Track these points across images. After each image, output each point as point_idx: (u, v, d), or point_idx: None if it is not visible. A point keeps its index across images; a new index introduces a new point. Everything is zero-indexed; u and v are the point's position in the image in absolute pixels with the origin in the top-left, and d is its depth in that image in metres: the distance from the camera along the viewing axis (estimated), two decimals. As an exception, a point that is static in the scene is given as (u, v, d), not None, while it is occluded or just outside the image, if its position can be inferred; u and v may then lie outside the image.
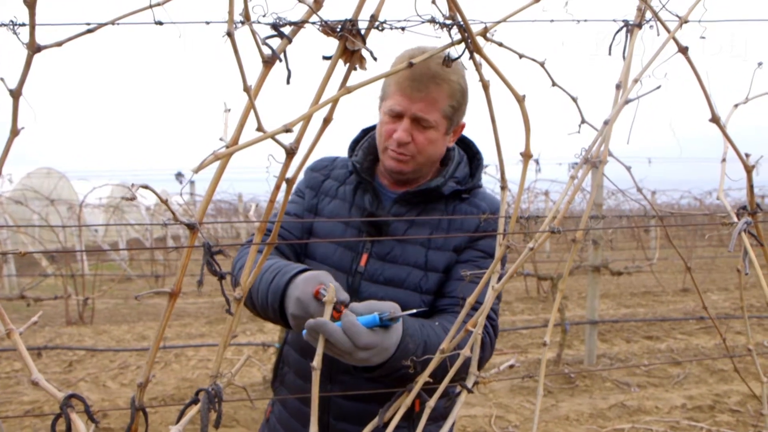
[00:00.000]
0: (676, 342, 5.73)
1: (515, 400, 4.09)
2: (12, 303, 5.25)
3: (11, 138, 0.84)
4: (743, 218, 0.85)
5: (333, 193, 1.38)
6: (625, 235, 16.36)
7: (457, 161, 1.36)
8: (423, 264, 1.26)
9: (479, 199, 1.34)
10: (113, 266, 10.74)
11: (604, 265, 4.69)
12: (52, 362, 5.04)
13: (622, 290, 8.80)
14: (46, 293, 6.10)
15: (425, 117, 1.20)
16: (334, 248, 1.32)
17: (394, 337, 1.00)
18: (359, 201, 1.34)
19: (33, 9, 0.77)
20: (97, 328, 6.43)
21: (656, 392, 4.25)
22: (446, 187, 1.30)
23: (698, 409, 3.92)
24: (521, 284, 8.69)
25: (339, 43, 0.86)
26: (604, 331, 6.03)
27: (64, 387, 4.39)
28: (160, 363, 5.03)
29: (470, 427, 3.64)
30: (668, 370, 4.77)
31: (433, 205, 1.32)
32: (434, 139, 1.24)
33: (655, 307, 7.51)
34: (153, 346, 0.84)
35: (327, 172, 1.43)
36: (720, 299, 7.95)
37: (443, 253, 1.27)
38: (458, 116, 1.27)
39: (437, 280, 1.26)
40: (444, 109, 1.22)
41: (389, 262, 1.27)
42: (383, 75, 0.86)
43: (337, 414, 1.27)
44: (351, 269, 1.29)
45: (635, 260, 7.63)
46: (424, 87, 1.18)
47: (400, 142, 1.23)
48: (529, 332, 5.96)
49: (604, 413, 3.85)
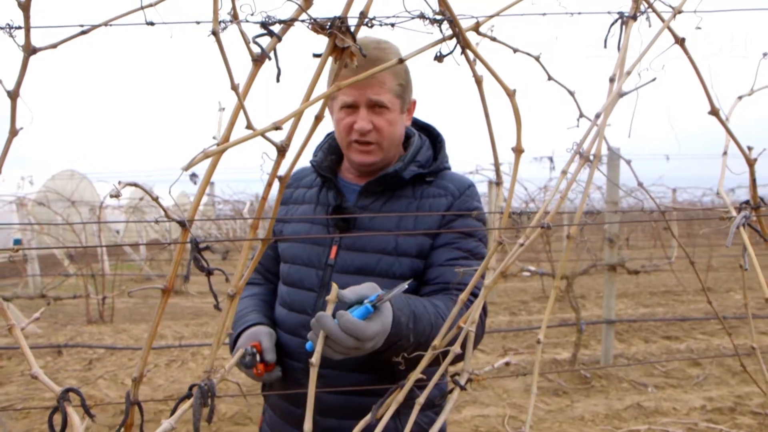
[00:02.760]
0: (696, 342, 5.63)
1: (529, 400, 4.06)
2: (33, 302, 5.36)
3: (10, 138, 0.86)
4: (742, 212, 0.83)
5: (301, 200, 1.43)
6: (645, 234, 16.11)
7: (417, 146, 1.37)
8: (393, 249, 1.28)
9: (447, 181, 1.35)
10: (133, 266, 10.91)
11: (621, 263, 4.62)
12: (72, 360, 5.14)
13: (641, 289, 8.67)
14: (68, 293, 6.22)
15: (379, 99, 1.24)
16: (303, 247, 1.35)
17: (389, 315, 1.03)
18: (323, 199, 1.38)
19: (27, 12, 0.78)
20: (116, 327, 6.54)
21: (674, 393, 4.18)
22: (407, 171, 1.32)
23: (718, 411, 3.85)
24: (537, 284, 8.60)
25: (329, 40, 0.86)
26: (621, 331, 5.95)
27: (83, 384, 4.48)
28: (177, 361, 5.09)
29: (483, 427, 3.61)
30: (687, 370, 4.69)
31: (400, 192, 1.33)
32: (392, 120, 1.28)
33: (675, 307, 7.38)
34: (147, 340, 0.85)
35: (296, 184, 1.48)
36: (743, 298, 7.78)
37: (413, 237, 1.28)
38: (408, 94, 1.31)
39: (410, 264, 1.28)
40: (394, 89, 1.26)
41: (358, 251, 1.29)
42: (373, 71, 0.86)
43: (322, 410, 1.27)
44: (321, 263, 1.31)
45: (652, 259, 7.50)
46: None
47: (362, 131, 1.25)
48: (545, 332, 5.89)
49: (619, 414, 3.79)
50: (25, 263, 7.72)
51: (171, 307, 7.88)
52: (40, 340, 5.74)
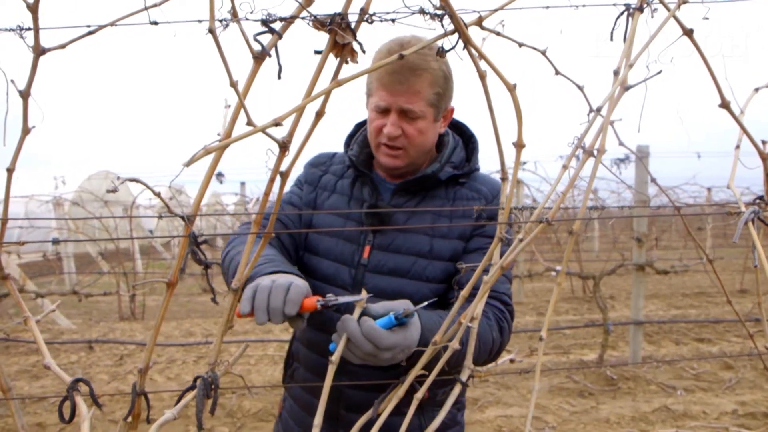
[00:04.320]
0: (729, 345, 5.46)
1: (554, 401, 4.00)
2: (66, 298, 5.53)
3: (23, 136, 0.89)
4: (750, 208, 0.81)
5: (331, 188, 1.40)
6: (680, 234, 15.69)
7: (452, 146, 1.35)
8: (427, 252, 1.26)
9: (479, 183, 1.34)
10: (164, 265, 11.15)
11: (649, 263, 4.51)
12: (104, 356, 5.28)
13: (673, 291, 8.45)
14: (100, 290, 6.40)
15: (411, 108, 1.21)
16: (335, 242, 1.33)
17: (415, 333, 1.01)
18: (357, 193, 1.35)
19: (36, 14, 0.81)
20: (147, 324, 6.70)
21: (705, 397, 4.07)
22: (443, 172, 1.30)
23: (750, 416, 3.72)
24: (566, 284, 8.47)
25: (329, 37, 0.86)
26: (651, 332, 5.81)
27: (113, 379, 4.60)
28: (205, 358, 5.19)
29: (506, 427, 3.58)
30: (719, 374, 4.55)
31: (433, 193, 1.32)
32: (424, 128, 1.25)
33: (709, 309, 7.17)
34: (153, 332, 0.87)
35: (325, 167, 1.44)
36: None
37: (449, 241, 1.27)
38: (444, 102, 1.27)
39: (443, 268, 1.26)
40: (429, 98, 1.22)
41: (393, 252, 1.27)
42: (374, 68, 0.86)
43: (347, 405, 1.29)
44: (354, 262, 1.30)
45: (683, 259, 7.31)
46: (405, 79, 1.18)
47: (390, 136, 1.23)
48: (572, 333, 5.81)
49: (646, 417, 3.71)
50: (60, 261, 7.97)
51: (201, 305, 8.03)
52: (75, 336, 5.92)
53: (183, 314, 7.36)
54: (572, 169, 0.89)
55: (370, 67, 0.85)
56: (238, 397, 4.09)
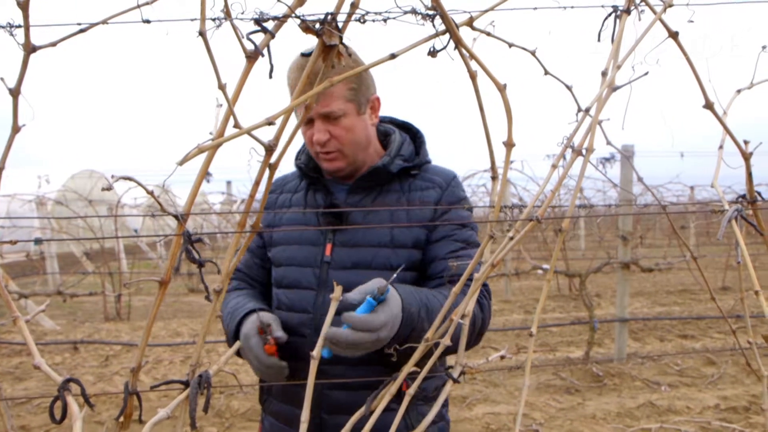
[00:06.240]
0: (712, 341, 5.55)
1: (541, 397, 4.04)
2: (52, 299, 5.47)
3: (12, 135, 0.89)
4: (734, 206, 0.83)
5: (287, 204, 1.43)
6: (664, 232, 15.89)
7: (399, 142, 1.39)
8: (389, 242, 1.29)
9: (432, 174, 1.38)
10: (150, 264, 11.05)
11: (634, 261, 4.57)
12: (90, 356, 5.23)
13: (657, 288, 8.57)
14: (86, 291, 6.33)
15: (329, 110, 1.24)
16: (298, 248, 1.35)
17: (396, 305, 1.06)
18: (311, 201, 1.39)
19: (26, 11, 0.81)
20: (133, 325, 6.64)
21: (688, 392, 4.13)
22: (394, 165, 1.33)
23: (732, 410, 3.79)
24: (553, 282, 8.55)
25: (318, 41, 0.87)
26: (636, 329, 5.89)
27: (99, 380, 4.56)
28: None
29: (494, 424, 3.61)
30: (702, 369, 4.62)
31: (388, 187, 1.35)
32: (349, 125, 1.28)
33: (692, 306, 7.28)
34: (145, 331, 0.87)
35: (279, 190, 1.48)
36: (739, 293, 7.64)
37: (409, 229, 1.30)
38: (362, 94, 1.29)
39: (407, 256, 1.29)
40: (344, 95, 1.25)
41: (353, 247, 1.30)
42: (363, 68, 0.87)
43: (329, 407, 1.28)
44: (317, 262, 1.32)
45: (667, 257, 7.41)
46: (312, 88, 1.21)
47: (320, 142, 1.27)
48: (559, 330, 5.86)
49: (632, 412, 3.76)
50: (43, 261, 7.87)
51: (187, 305, 7.99)
52: (59, 337, 5.85)
53: (170, 314, 7.31)
54: (561, 168, 0.90)
55: (359, 68, 0.86)
56: (226, 397, 4.07)
